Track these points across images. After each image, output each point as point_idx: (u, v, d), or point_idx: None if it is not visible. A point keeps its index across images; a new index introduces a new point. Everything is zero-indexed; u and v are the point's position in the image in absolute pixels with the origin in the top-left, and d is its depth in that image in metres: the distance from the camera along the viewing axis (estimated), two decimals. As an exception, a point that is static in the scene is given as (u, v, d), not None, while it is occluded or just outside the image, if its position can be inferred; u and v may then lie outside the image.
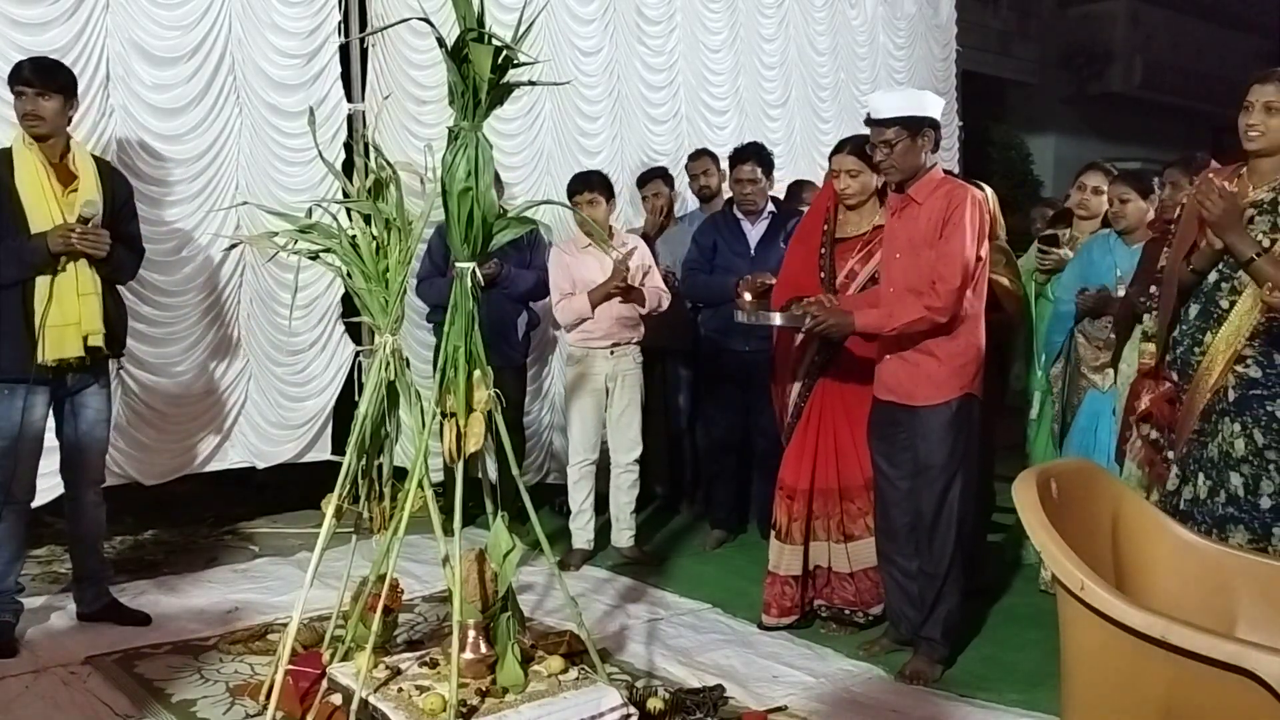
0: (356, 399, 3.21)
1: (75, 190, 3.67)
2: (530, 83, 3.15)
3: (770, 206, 5.01)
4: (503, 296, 4.98)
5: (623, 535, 4.88)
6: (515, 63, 2.86)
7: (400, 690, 2.85)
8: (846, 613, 4.03)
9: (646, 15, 6.31)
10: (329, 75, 5.17)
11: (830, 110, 7.35)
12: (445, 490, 2.97)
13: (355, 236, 3.12)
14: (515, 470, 3.03)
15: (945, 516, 3.54)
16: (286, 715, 3.02)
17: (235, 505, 5.53)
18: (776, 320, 3.79)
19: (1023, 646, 3.83)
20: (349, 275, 3.14)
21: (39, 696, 3.35)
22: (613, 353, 4.78)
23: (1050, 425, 4.54)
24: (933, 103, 3.58)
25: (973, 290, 3.52)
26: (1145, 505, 2.94)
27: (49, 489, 4.07)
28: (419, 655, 3.09)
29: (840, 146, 4.06)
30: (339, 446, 5.14)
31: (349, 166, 4.75)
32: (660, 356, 5.46)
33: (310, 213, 3.40)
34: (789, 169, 6.81)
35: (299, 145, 4.99)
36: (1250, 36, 22.42)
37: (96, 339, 3.66)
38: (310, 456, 5.29)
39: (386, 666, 2.98)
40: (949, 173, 3.80)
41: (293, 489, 5.40)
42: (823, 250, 4.03)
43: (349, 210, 3.26)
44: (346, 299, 4.99)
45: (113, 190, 3.80)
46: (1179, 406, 3.20)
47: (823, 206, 4.13)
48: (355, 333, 5.33)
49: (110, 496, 4.16)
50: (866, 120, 3.58)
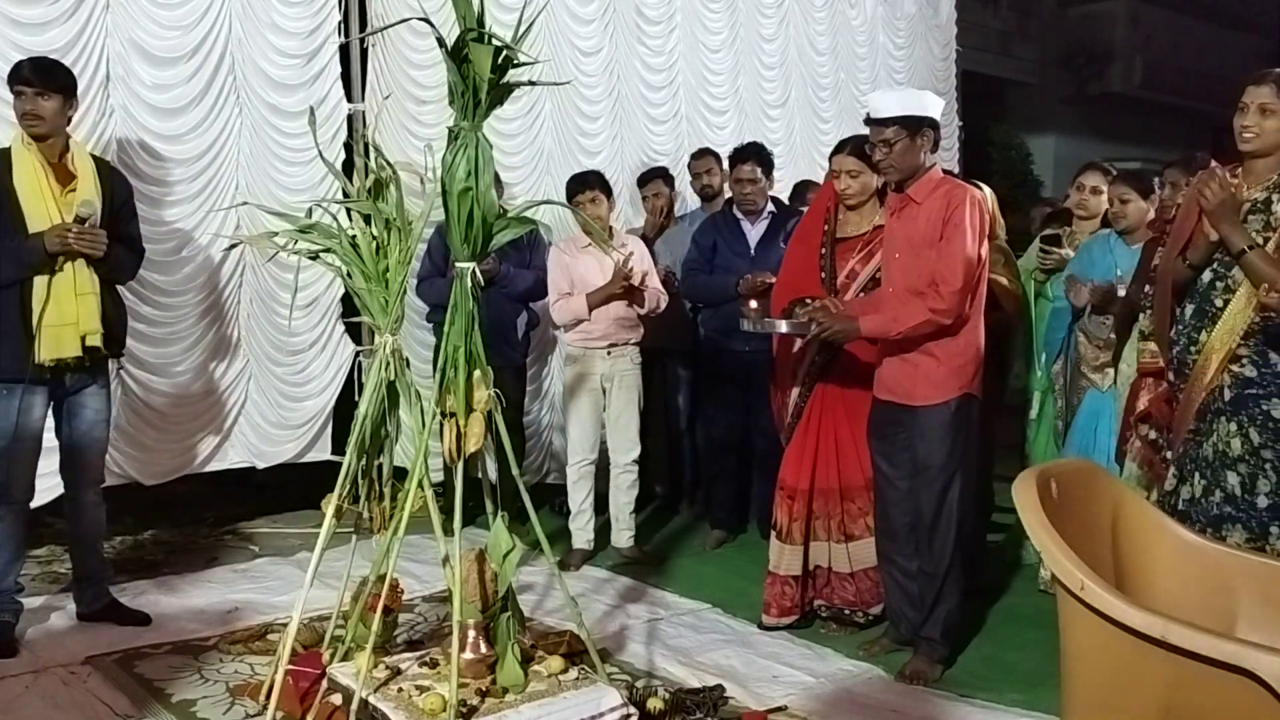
0: (356, 399, 3.21)
1: (74, 190, 3.67)
2: (530, 83, 3.15)
3: (770, 206, 5.01)
4: (502, 296, 4.98)
5: (622, 535, 4.88)
6: (515, 63, 2.86)
7: (400, 690, 2.85)
8: (846, 613, 4.03)
9: (646, 15, 6.31)
10: (329, 75, 5.17)
11: (830, 110, 7.35)
12: (445, 490, 2.96)
13: (355, 236, 3.12)
14: (515, 470, 3.02)
15: (945, 516, 3.54)
16: (286, 715, 3.02)
17: (235, 505, 5.53)
18: (782, 328, 3.77)
19: (1023, 646, 3.83)
20: (349, 275, 3.14)
21: (39, 696, 3.35)
22: (610, 353, 4.78)
23: (1052, 424, 4.54)
24: (932, 102, 3.58)
25: (973, 291, 3.52)
26: (1145, 505, 2.94)
27: (49, 489, 4.07)
28: (419, 655, 3.08)
29: (840, 147, 4.06)
30: (339, 446, 5.14)
31: (349, 166, 4.75)
32: (660, 357, 5.46)
33: (310, 213, 3.40)
34: (789, 169, 6.82)
35: (299, 145, 4.99)
36: (1250, 36, 22.43)
37: (94, 339, 3.66)
38: (310, 456, 5.29)
39: (386, 666, 2.98)
40: (948, 173, 3.80)
41: (293, 489, 5.40)
42: (823, 250, 4.03)
43: (349, 210, 3.26)
44: (346, 299, 4.99)
45: (112, 190, 3.79)
46: (1176, 406, 3.21)
47: (823, 206, 4.13)
48: (355, 333, 5.33)
49: (110, 496, 4.16)
50: (866, 120, 3.58)
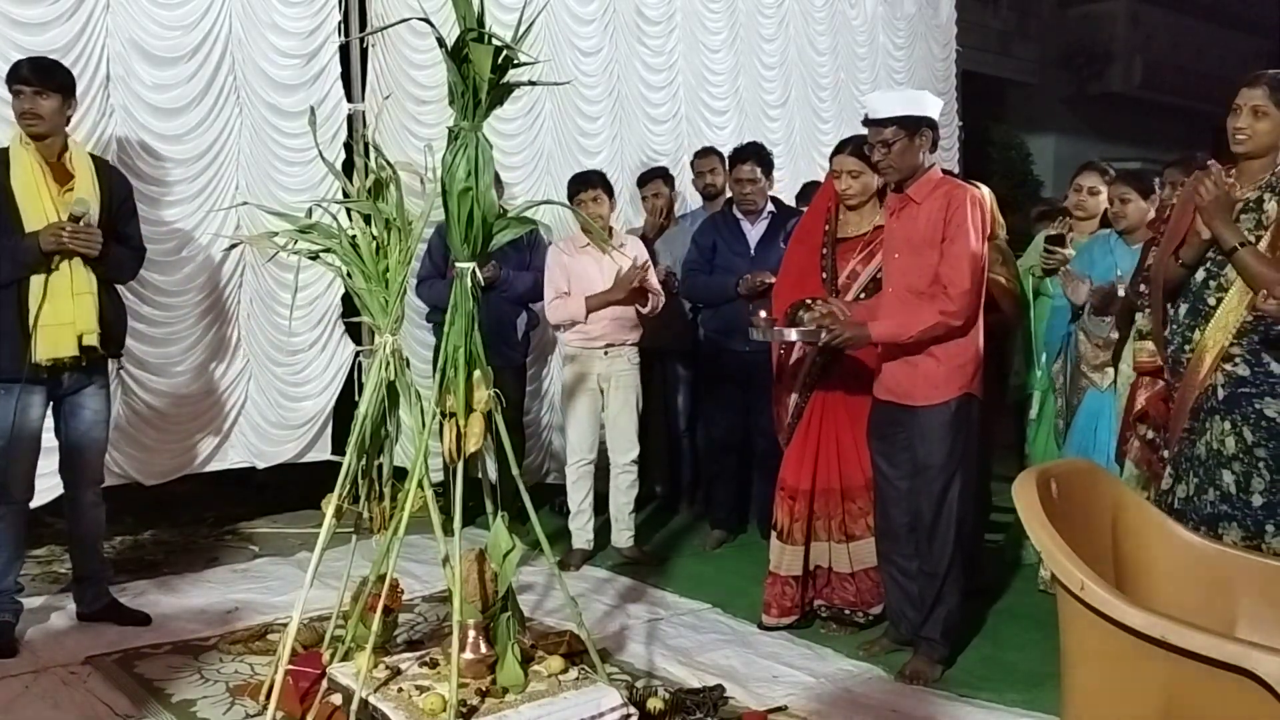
0: (356, 399, 3.21)
1: (71, 190, 3.67)
2: (530, 83, 3.15)
3: (770, 206, 5.01)
4: (501, 298, 4.99)
5: (622, 535, 4.88)
6: (515, 63, 2.86)
7: (400, 690, 2.85)
8: (846, 613, 4.03)
9: (646, 15, 6.31)
10: (329, 75, 5.16)
11: (830, 110, 7.35)
12: (445, 490, 2.96)
13: (355, 236, 3.12)
14: (515, 470, 3.02)
15: (945, 516, 3.54)
16: (286, 715, 3.01)
17: (235, 505, 5.54)
18: (792, 336, 3.72)
19: (1023, 646, 3.83)
20: (349, 275, 3.14)
21: (39, 696, 3.35)
22: (607, 353, 4.77)
23: (1052, 424, 4.54)
24: (930, 102, 3.58)
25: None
26: (1145, 505, 2.94)
27: (48, 489, 4.07)
28: (419, 655, 3.08)
29: (841, 147, 4.06)
30: (339, 446, 5.14)
31: (349, 166, 4.75)
32: (660, 357, 5.46)
33: (310, 213, 3.40)
34: (789, 169, 6.82)
35: (299, 145, 4.99)
36: (1250, 36, 22.44)
37: (91, 338, 3.66)
38: (310, 456, 5.29)
39: (386, 666, 2.98)
40: (948, 172, 3.80)
41: (293, 489, 5.40)
42: (824, 251, 4.03)
43: (349, 210, 3.26)
44: (346, 299, 4.99)
45: (110, 189, 3.79)
46: (1172, 405, 3.22)
47: (823, 207, 4.13)
48: (355, 333, 5.33)
49: (110, 496, 4.16)
50: (864, 121, 3.58)
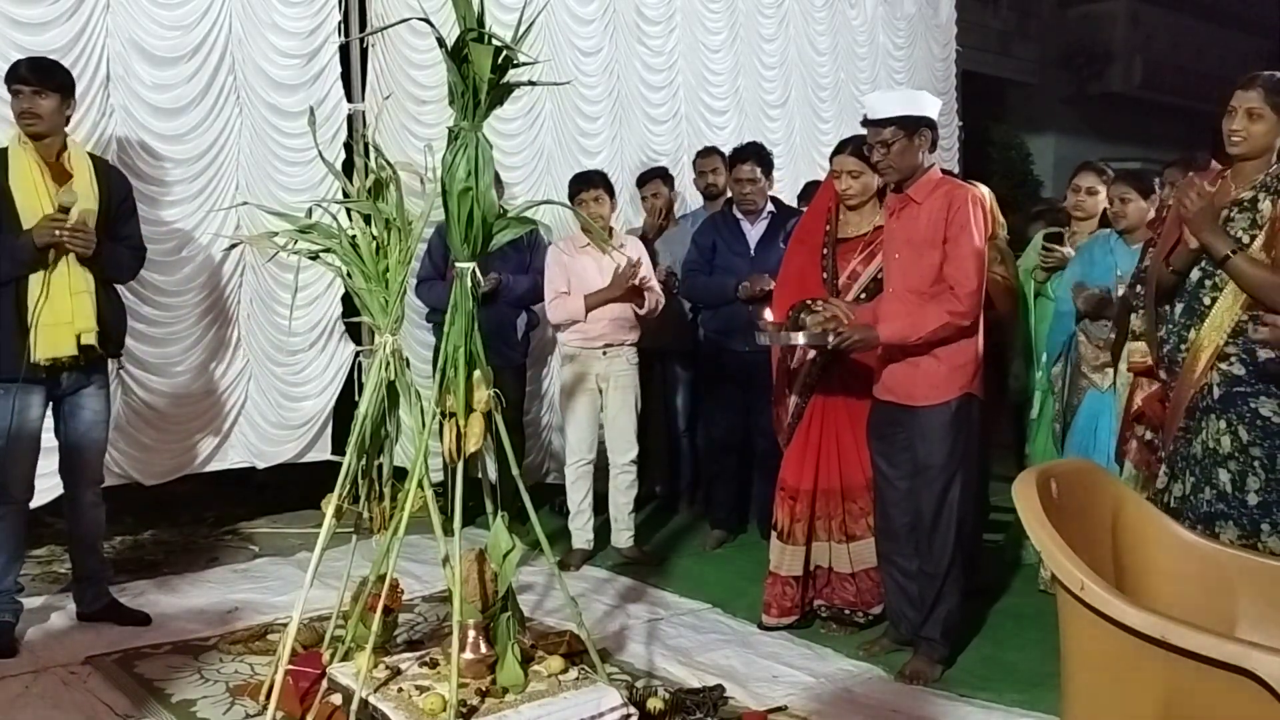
0: (356, 399, 3.21)
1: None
2: (530, 83, 3.15)
3: (770, 206, 5.01)
4: (501, 301, 4.99)
5: (622, 535, 4.88)
6: (515, 63, 2.86)
7: (400, 690, 2.85)
8: (846, 613, 4.03)
9: (646, 15, 6.31)
10: (329, 75, 5.16)
11: (830, 110, 7.35)
12: (445, 490, 2.96)
13: (355, 236, 3.12)
14: (515, 470, 3.02)
15: (945, 517, 3.54)
16: (286, 715, 3.01)
17: (235, 505, 5.54)
18: (800, 340, 3.69)
19: (1023, 646, 3.83)
20: (349, 275, 3.14)
21: (39, 696, 3.35)
22: (606, 353, 4.77)
23: (1051, 425, 4.54)
24: (929, 102, 3.58)
25: None
26: (1145, 505, 2.94)
27: (48, 489, 4.07)
28: (419, 655, 3.09)
29: (841, 147, 4.06)
30: (339, 446, 5.14)
31: (349, 166, 4.74)
32: (659, 357, 5.46)
33: (310, 213, 3.40)
34: (789, 169, 6.82)
35: (299, 145, 4.99)
36: (1250, 36, 22.44)
37: (89, 337, 3.65)
38: (310, 456, 5.28)
39: (386, 666, 2.98)
40: (947, 172, 3.80)
41: (293, 489, 5.41)
42: (824, 251, 4.03)
43: (349, 210, 3.26)
44: (346, 299, 4.99)
45: (109, 189, 3.79)
46: (1168, 405, 3.22)
47: (824, 207, 4.12)
48: (355, 333, 5.33)
49: (110, 496, 4.16)
50: (863, 121, 3.58)
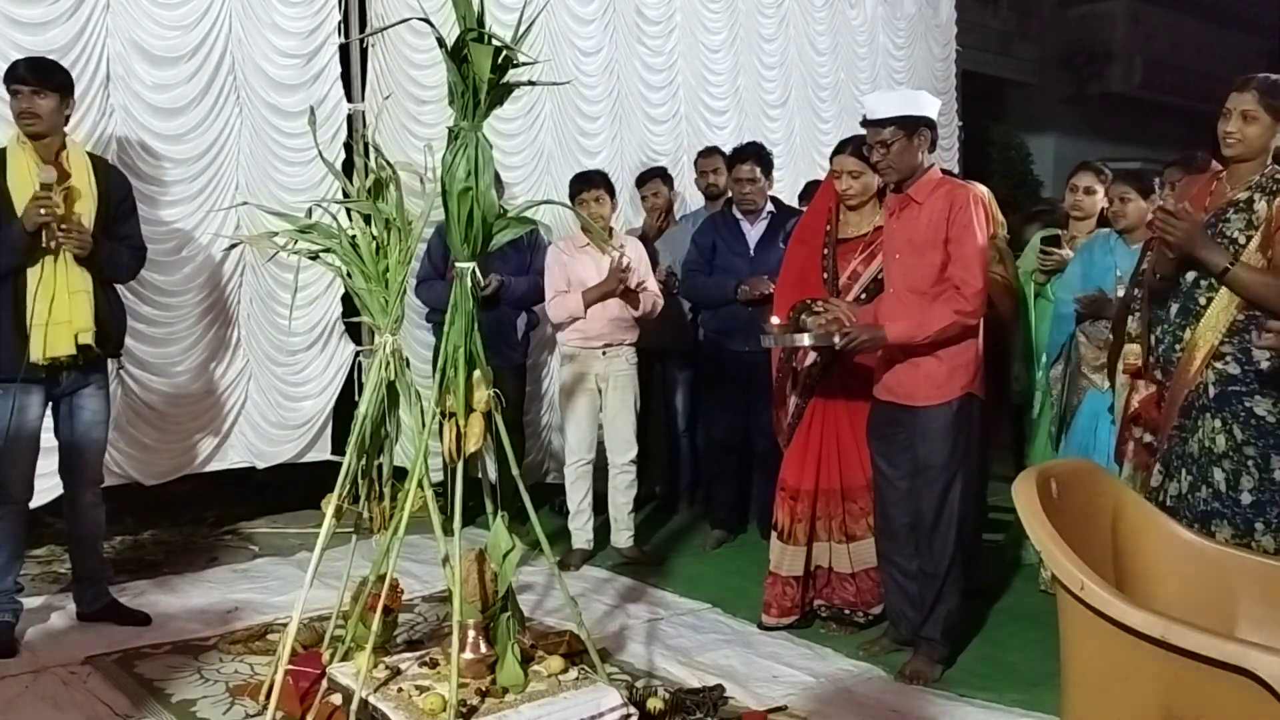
0: (356, 399, 3.21)
1: (67, 188, 3.66)
2: (530, 83, 3.15)
3: (770, 206, 5.01)
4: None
5: (622, 535, 4.88)
6: (515, 63, 2.86)
7: (400, 690, 2.85)
8: (846, 613, 4.03)
9: (646, 15, 6.31)
10: (329, 75, 5.16)
11: (830, 110, 7.35)
12: (445, 490, 2.96)
13: (355, 236, 3.12)
14: (515, 470, 3.03)
15: (946, 517, 3.54)
16: (286, 715, 3.02)
17: (235, 505, 5.54)
18: (806, 341, 3.67)
19: (1023, 646, 3.83)
20: (349, 275, 3.14)
21: (39, 696, 3.35)
22: (605, 353, 4.77)
23: (1050, 426, 4.54)
24: (928, 102, 3.58)
25: None
26: (1145, 505, 2.94)
27: (48, 489, 4.07)
28: (419, 655, 3.09)
29: (841, 147, 4.05)
30: (339, 446, 5.14)
31: (349, 166, 4.74)
32: (659, 357, 5.46)
33: (310, 213, 3.40)
34: (789, 169, 6.82)
35: (299, 145, 4.99)
36: (1250, 36, 22.42)
37: (87, 337, 3.65)
38: (310, 456, 5.28)
39: (386, 666, 2.98)
40: (947, 172, 3.80)
41: (293, 489, 5.40)
42: (825, 251, 4.02)
43: (349, 210, 3.26)
44: (346, 299, 4.98)
45: (108, 188, 3.79)
46: (1163, 405, 3.23)
47: (824, 207, 4.12)
48: (355, 333, 5.33)
49: (110, 496, 4.16)
50: (863, 122, 3.58)
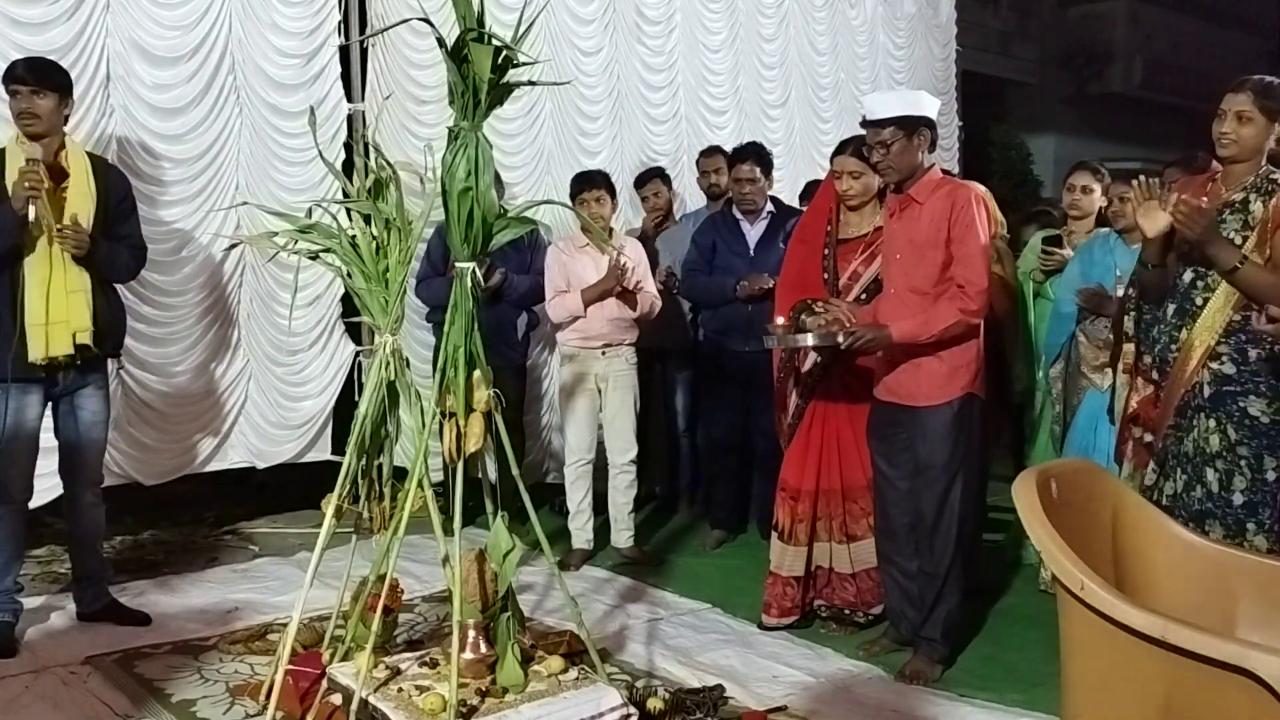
0: (356, 399, 3.21)
1: (65, 188, 3.66)
2: (530, 83, 3.15)
3: (769, 206, 5.01)
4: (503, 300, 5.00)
5: (621, 535, 4.88)
6: (515, 63, 2.86)
7: (400, 690, 2.85)
8: (846, 613, 4.03)
9: (646, 15, 6.31)
10: (329, 75, 5.16)
11: (830, 110, 7.35)
12: (445, 490, 2.96)
13: (355, 236, 3.12)
14: (515, 470, 3.03)
15: (946, 517, 3.54)
16: (286, 715, 3.02)
17: (235, 505, 5.54)
18: (809, 341, 3.65)
19: (1023, 646, 3.83)
20: (349, 275, 3.14)
21: (39, 696, 3.35)
22: (605, 353, 4.77)
23: (1051, 426, 4.54)
24: (928, 102, 3.58)
25: None
26: (1145, 505, 2.95)
27: (48, 489, 4.07)
28: (419, 655, 3.09)
29: (842, 147, 4.05)
30: (339, 446, 5.14)
31: (349, 166, 4.75)
32: (659, 357, 5.46)
33: (310, 213, 3.40)
34: (789, 169, 6.82)
35: (299, 145, 4.99)
36: (1250, 36, 22.42)
37: (84, 336, 3.64)
38: (310, 456, 5.28)
39: (386, 666, 2.98)
40: (946, 173, 3.80)
41: (293, 489, 5.41)
42: (825, 252, 4.02)
43: (349, 210, 3.26)
44: (346, 299, 4.99)
45: (107, 188, 3.78)
46: (1160, 404, 3.23)
47: (825, 207, 4.11)
48: (355, 333, 5.33)
49: (110, 496, 4.16)
50: (862, 122, 3.57)
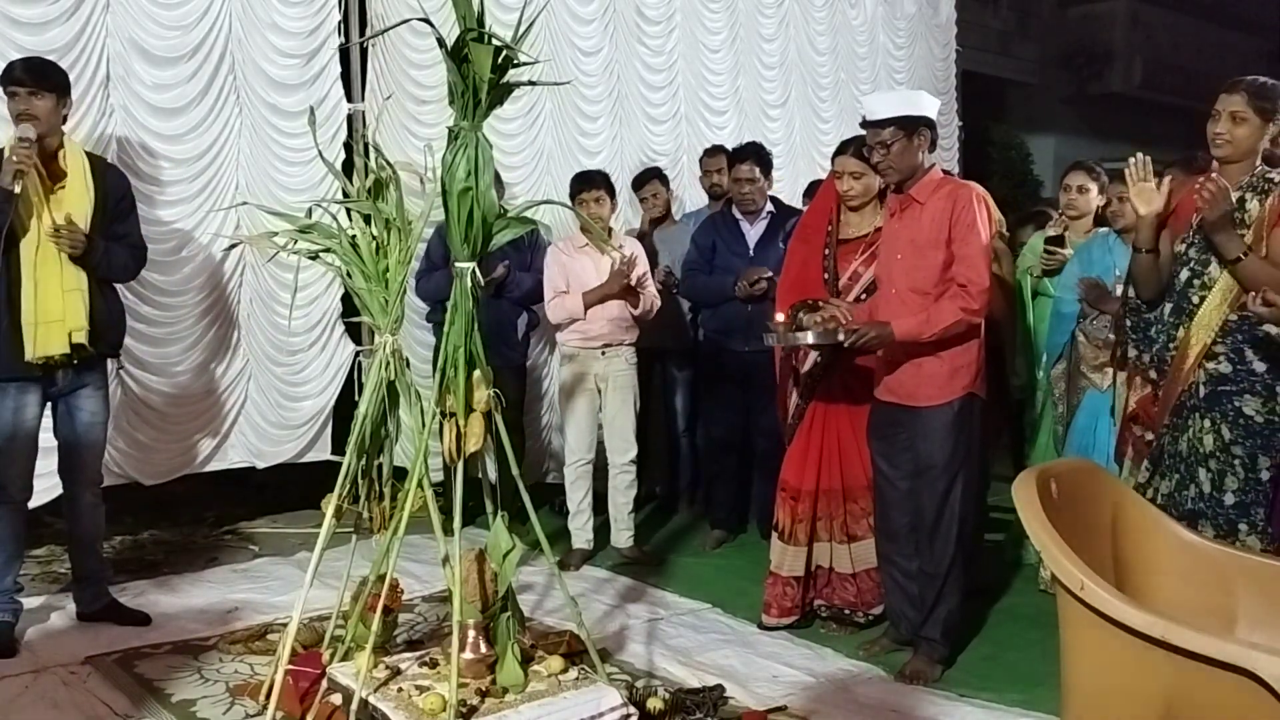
0: (356, 399, 3.21)
1: (63, 188, 3.66)
2: (530, 83, 3.15)
3: (769, 206, 5.01)
4: (504, 298, 4.99)
5: (621, 535, 4.88)
6: (515, 63, 2.86)
7: (400, 690, 2.85)
8: (847, 613, 4.03)
9: (646, 15, 6.31)
10: (329, 75, 5.16)
11: (830, 110, 7.35)
12: (445, 490, 2.96)
13: (355, 236, 3.12)
14: (515, 470, 3.03)
15: (947, 517, 3.54)
16: (286, 715, 3.01)
17: (235, 505, 5.54)
18: (810, 339, 3.64)
19: (1023, 646, 3.83)
20: (349, 275, 3.14)
21: (39, 696, 3.35)
22: (604, 353, 4.77)
23: (1052, 426, 4.54)
24: (928, 102, 3.58)
25: None
26: (1145, 505, 2.95)
27: (48, 489, 4.07)
28: (419, 655, 3.09)
29: (843, 148, 4.05)
30: (339, 446, 5.14)
31: (349, 166, 4.75)
32: (659, 357, 5.46)
33: (310, 213, 3.40)
34: (789, 169, 6.82)
35: (299, 145, 4.99)
36: (1250, 36, 22.42)
37: (80, 336, 3.64)
38: (310, 456, 5.28)
39: (386, 666, 2.99)
40: (947, 173, 3.80)
41: (293, 489, 5.41)
42: (826, 252, 4.02)
43: (349, 210, 3.26)
44: (346, 299, 4.99)
45: (105, 187, 3.78)
46: (1158, 403, 3.24)
47: (826, 206, 4.11)
48: (355, 333, 5.33)
49: (110, 496, 4.16)
50: (862, 123, 3.57)
